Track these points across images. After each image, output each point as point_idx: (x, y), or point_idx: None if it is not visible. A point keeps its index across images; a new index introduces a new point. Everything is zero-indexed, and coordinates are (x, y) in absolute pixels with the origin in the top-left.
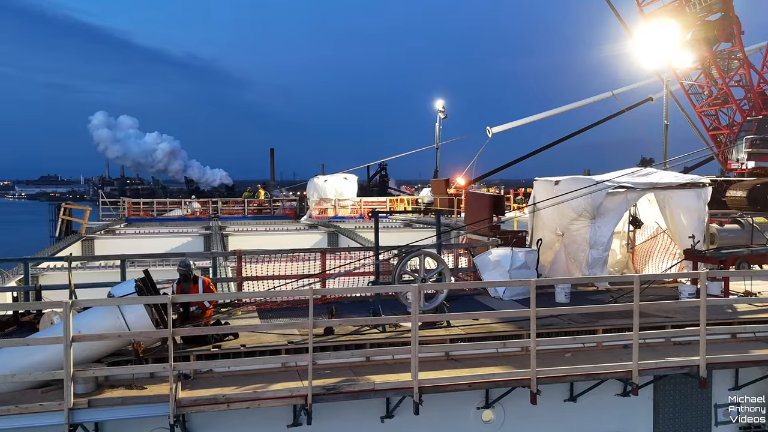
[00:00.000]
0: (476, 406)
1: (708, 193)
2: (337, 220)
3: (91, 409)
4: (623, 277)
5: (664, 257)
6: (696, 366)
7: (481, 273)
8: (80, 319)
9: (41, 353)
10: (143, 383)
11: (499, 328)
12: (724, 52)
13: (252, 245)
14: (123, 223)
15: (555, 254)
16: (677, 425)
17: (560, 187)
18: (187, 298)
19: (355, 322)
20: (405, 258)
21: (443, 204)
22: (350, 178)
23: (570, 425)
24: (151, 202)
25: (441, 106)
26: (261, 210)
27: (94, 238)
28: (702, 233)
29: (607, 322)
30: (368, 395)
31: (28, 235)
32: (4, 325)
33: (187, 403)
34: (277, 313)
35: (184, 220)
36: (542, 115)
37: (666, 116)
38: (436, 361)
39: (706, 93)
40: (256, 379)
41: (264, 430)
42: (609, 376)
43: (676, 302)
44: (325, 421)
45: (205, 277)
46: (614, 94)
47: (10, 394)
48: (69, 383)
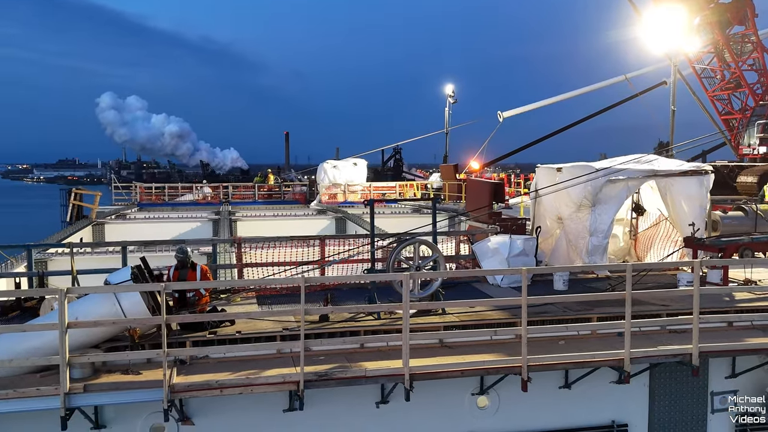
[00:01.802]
0: (471, 392)
1: (710, 181)
2: (347, 205)
3: (87, 394)
4: (616, 266)
5: (666, 244)
6: (689, 354)
7: (479, 260)
8: (77, 306)
9: (39, 338)
10: (140, 368)
11: (494, 315)
12: (737, 36)
13: (260, 231)
14: (135, 207)
15: (556, 241)
16: (673, 412)
17: (562, 174)
18: (181, 285)
19: (348, 310)
20: (399, 246)
21: (452, 190)
22: (360, 163)
23: (565, 411)
24: (162, 186)
25: (451, 91)
26: (271, 195)
27: (105, 223)
28: (703, 221)
29: (603, 310)
30: (360, 382)
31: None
32: (8, 309)
33: (181, 388)
34: (275, 299)
35: (195, 204)
36: (554, 99)
37: (673, 102)
38: (430, 348)
39: (719, 77)
40: (251, 365)
41: (261, 414)
42: (600, 364)
43: (669, 291)
44: (321, 405)
45: (203, 265)
46: (627, 78)
47: (10, 378)
48: (65, 369)
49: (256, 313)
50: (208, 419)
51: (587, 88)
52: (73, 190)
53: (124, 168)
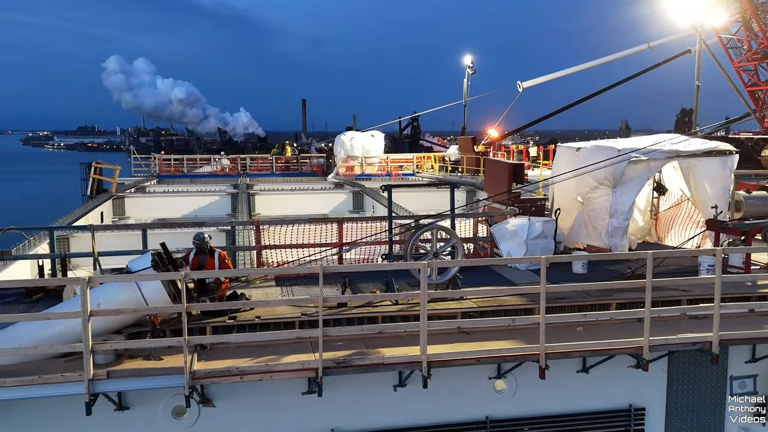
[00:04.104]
0: (488, 376)
1: (734, 162)
2: (364, 177)
3: (110, 380)
4: (636, 254)
5: (688, 225)
6: (709, 342)
7: (498, 242)
8: (99, 292)
9: (63, 324)
10: (161, 353)
11: (512, 301)
12: (765, 4)
13: (278, 206)
14: (154, 179)
15: (575, 221)
16: (691, 396)
17: (581, 154)
18: (200, 274)
19: (366, 298)
20: (417, 232)
21: (470, 163)
22: (377, 135)
23: (583, 396)
24: (181, 158)
25: (470, 62)
26: (288, 167)
27: (125, 197)
28: (726, 202)
29: (622, 296)
30: (377, 369)
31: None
32: (32, 291)
33: (202, 375)
34: (294, 281)
35: (213, 176)
36: (574, 69)
37: (698, 77)
38: (447, 334)
39: (746, 47)
40: (270, 350)
41: (280, 396)
42: (619, 352)
43: (691, 279)
44: (339, 388)
45: (221, 251)
46: (650, 47)
47: (35, 363)
48: (88, 356)
49: (274, 301)
50: (228, 401)
51: (609, 57)
52: (93, 164)
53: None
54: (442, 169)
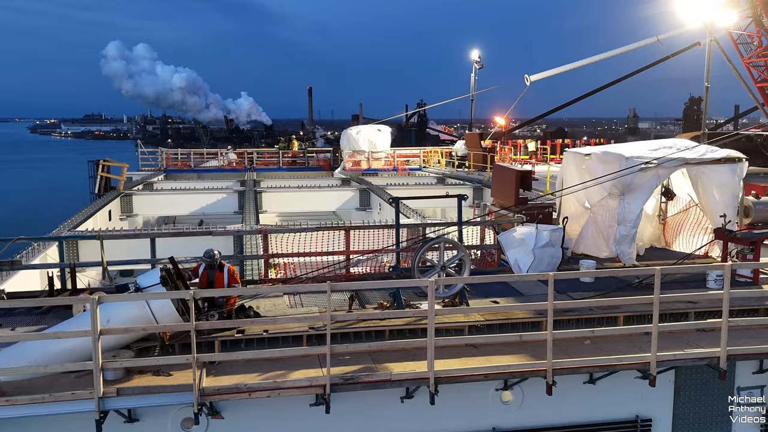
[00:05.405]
0: (495, 387)
1: (744, 169)
2: (371, 172)
3: (120, 398)
4: (644, 270)
5: (696, 231)
6: (716, 358)
7: (505, 250)
8: (109, 308)
9: (73, 340)
10: (170, 369)
11: (520, 314)
12: None
13: (285, 203)
14: (161, 174)
15: (582, 228)
16: (698, 407)
17: (590, 161)
18: (209, 293)
19: (372, 315)
20: (423, 247)
21: (477, 159)
22: (384, 129)
23: (590, 407)
24: (188, 152)
25: (477, 57)
26: (295, 161)
27: (132, 194)
28: (735, 210)
29: (630, 308)
30: (385, 385)
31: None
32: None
33: (211, 392)
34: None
35: (220, 171)
36: (582, 62)
37: (707, 78)
38: (455, 348)
39: (756, 43)
40: (278, 364)
41: (288, 408)
42: (626, 367)
43: (700, 295)
44: (347, 399)
45: (230, 266)
46: (659, 40)
47: (45, 379)
48: (98, 374)
49: (282, 318)
50: (237, 413)
51: (617, 51)
52: (101, 162)
53: (150, 123)
54: (449, 165)
